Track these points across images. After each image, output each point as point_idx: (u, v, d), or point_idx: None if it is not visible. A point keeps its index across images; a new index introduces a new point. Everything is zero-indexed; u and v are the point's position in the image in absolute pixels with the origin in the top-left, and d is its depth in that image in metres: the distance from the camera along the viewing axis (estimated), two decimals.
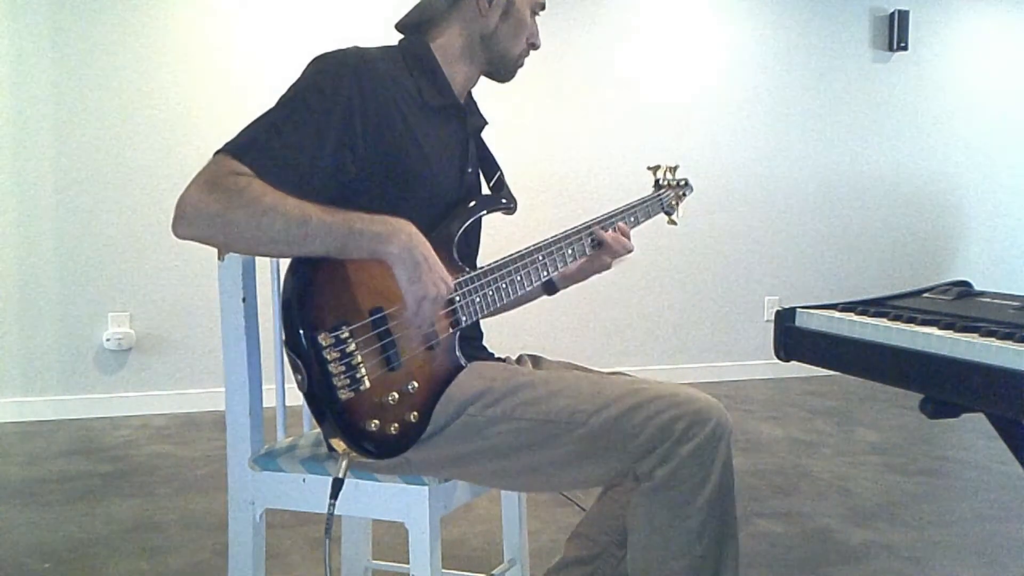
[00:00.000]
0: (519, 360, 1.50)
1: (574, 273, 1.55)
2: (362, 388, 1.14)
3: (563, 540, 1.49)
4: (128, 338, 3.90)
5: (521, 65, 1.46)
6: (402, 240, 1.15)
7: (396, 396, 1.18)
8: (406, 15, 1.41)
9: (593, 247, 1.50)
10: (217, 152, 1.15)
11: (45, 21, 3.76)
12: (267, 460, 1.34)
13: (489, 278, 1.33)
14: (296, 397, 1.18)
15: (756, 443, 3.46)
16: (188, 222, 1.11)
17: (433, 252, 1.18)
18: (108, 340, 3.86)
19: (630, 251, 1.54)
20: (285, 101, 1.21)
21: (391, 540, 2.12)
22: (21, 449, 3.31)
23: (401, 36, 1.42)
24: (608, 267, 1.54)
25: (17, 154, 3.76)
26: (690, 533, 1.16)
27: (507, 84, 1.48)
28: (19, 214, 3.77)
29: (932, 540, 2.40)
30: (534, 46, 1.46)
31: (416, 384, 1.21)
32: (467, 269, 1.32)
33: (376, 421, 1.15)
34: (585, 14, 4.56)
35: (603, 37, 4.61)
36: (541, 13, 1.46)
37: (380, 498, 1.26)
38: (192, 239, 1.13)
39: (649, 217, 1.65)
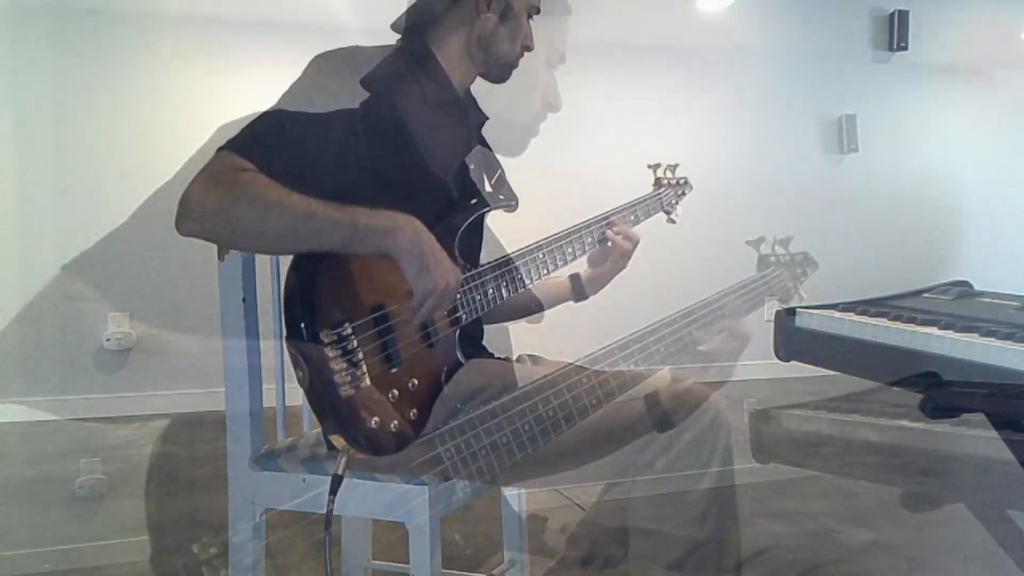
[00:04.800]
0: (519, 360, 1.51)
1: (599, 275, 1.56)
2: (363, 385, 1.14)
3: (563, 540, 1.49)
4: (128, 338, 3.89)
5: (515, 66, 1.46)
6: (408, 234, 1.15)
7: (397, 393, 1.18)
8: (402, 16, 1.41)
9: (593, 245, 1.51)
10: (220, 149, 1.15)
11: (46, 20, 3.76)
12: (267, 460, 1.33)
13: (491, 276, 1.33)
14: (296, 397, 1.18)
15: None
16: (192, 219, 1.11)
17: (439, 246, 1.19)
18: (108, 340, 3.86)
19: (637, 241, 1.54)
20: (288, 99, 1.21)
21: (391, 540, 2.12)
22: (21, 449, 3.31)
23: (398, 36, 1.42)
24: (623, 266, 1.54)
25: (17, 154, 3.75)
26: (692, 520, 1.17)
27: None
28: (19, 214, 3.76)
29: (932, 540, 2.40)
30: (527, 48, 1.46)
31: (416, 382, 1.21)
32: (469, 267, 1.32)
33: (377, 418, 1.15)
34: (585, 11, 4.56)
35: (602, 35, 4.61)
36: (535, 16, 1.47)
37: (380, 498, 1.26)
38: (196, 236, 1.12)
39: (648, 216, 1.66)
